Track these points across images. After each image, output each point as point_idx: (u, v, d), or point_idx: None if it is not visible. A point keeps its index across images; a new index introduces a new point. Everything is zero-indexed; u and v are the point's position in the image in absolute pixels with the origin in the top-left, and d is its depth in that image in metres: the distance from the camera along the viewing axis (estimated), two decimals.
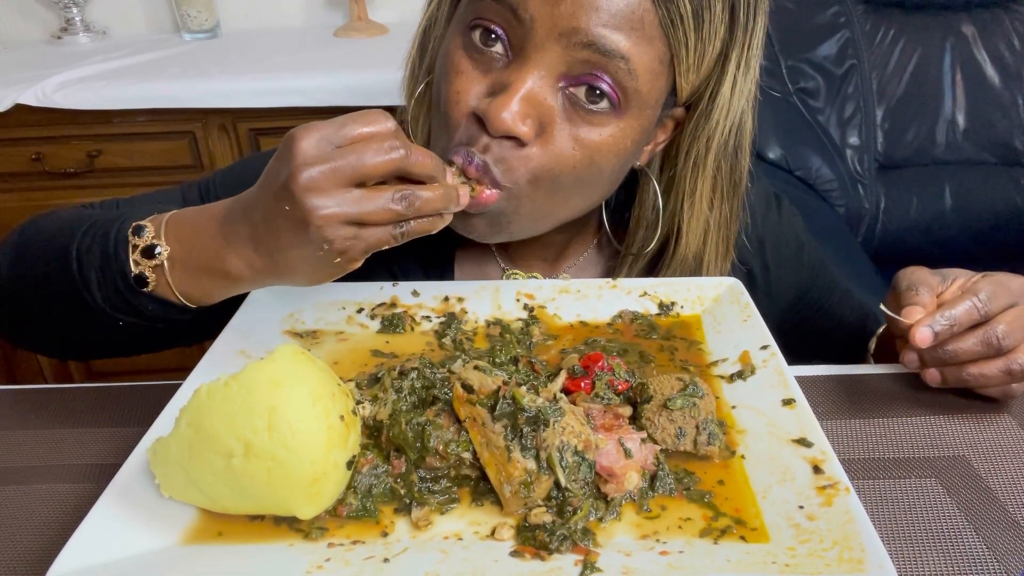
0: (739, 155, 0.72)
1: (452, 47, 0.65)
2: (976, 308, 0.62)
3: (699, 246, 0.75)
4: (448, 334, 0.69)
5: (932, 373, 0.66)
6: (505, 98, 0.59)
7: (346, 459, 0.49)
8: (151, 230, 0.60)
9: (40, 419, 0.67)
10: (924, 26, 1.78)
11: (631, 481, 0.50)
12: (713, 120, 0.68)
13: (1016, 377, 0.63)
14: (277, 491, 0.46)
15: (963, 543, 0.52)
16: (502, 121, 0.59)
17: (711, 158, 0.70)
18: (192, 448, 0.47)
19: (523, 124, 0.60)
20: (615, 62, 0.59)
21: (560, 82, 0.61)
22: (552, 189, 0.64)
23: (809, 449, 0.52)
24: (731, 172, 0.72)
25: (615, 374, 0.58)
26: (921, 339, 0.61)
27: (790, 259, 0.90)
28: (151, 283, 0.60)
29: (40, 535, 0.54)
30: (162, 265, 0.59)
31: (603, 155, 0.63)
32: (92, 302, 0.61)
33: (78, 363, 2.02)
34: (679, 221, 0.74)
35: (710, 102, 0.67)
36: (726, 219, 0.75)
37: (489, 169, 0.62)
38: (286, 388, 0.47)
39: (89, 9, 2.06)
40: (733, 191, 0.74)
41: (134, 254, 0.59)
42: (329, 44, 1.97)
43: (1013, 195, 1.78)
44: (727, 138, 0.69)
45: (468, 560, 0.45)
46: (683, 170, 0.72)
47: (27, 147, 1.74)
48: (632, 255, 0.79)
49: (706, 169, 0.71)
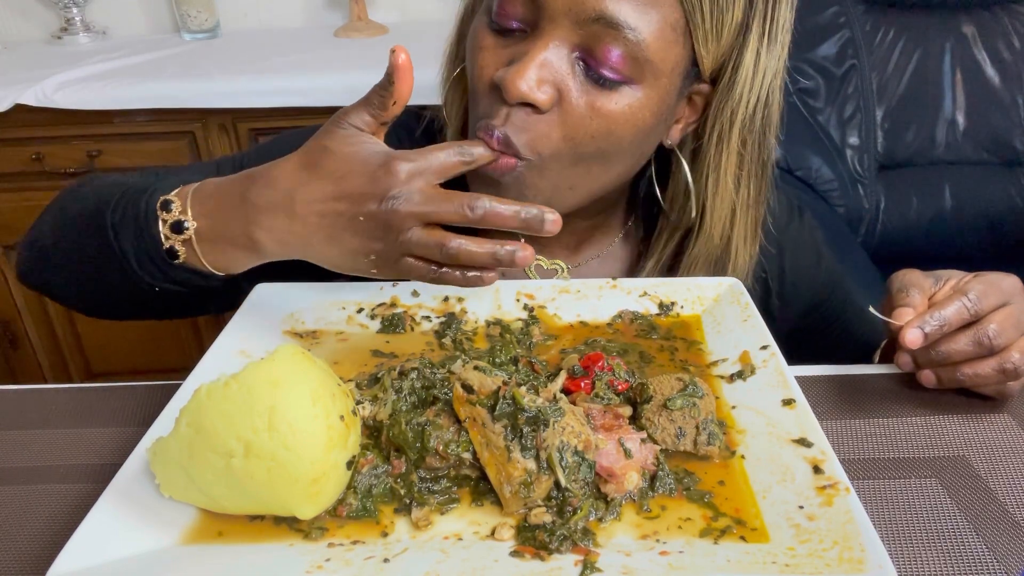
0: (766, 133, 0.72)
1: (478, 27, 0.68)
2: (966, 308, 0.62)
3: (726, 227, 0.75)
4: (448, 334, 0.69)
5: (927, 374, 0.66)
6: (520, 66, 0.62)
7: (346, 459, 0.49)
8: (178, 205, 0.63)
9: (40, 419, 0.67)
10: (924, 26, 1.78)
11: (631, 481, 0.50)
12: (736, 93, 0.67)
13: (1010, 375, 0.62)
14: (277, 491, 0.46)
15: (963, 543, 0.52)
16: (517, 87, 0.61)
17: (735, 133, 0.70)
18: (192, 448, 0.47)
19: (539, 91, 0.62)
20: (623, 32, 0.61)
21: (575, 52, 0.63)
22: (574, 159, 0.66)
23: (809, 449, 0.52)
24: (758, 150, 0.72)
25: (615, 374, 0.58)
26: (911, 340, 0.61)
27: (807, 270, 0.90)
28: (181, 255, 0.63)
29: (40, 535, 0.54)
30: (190, 240, 0.62)
31: (620, 125, 0.64)
32: (131, 270, 0.65)
33: (78, 363, 2.02)
34: (704, 199, 0.74)
35: (733, 74, 0.67)
36: (754, 199, 0.75)
37: (510, 142, 0.64)
38: (286, 388, 0.47)
39: (89, 9, 2.06)
40: (761, 171, 0.74)
41: (164, 228, 0.62)
42: (329, 44, 1.97)
43: (1013, 195, 1.78)
44: (752, 113, 0.69)
45: (468, 560, 0.45)
46: (707, 145, 0.71)
47: (27, 147, 1.74)
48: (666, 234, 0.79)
49: (731, 144, 0.70)
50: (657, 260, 0.81)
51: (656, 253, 0.80)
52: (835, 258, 0.94)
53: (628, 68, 0.62)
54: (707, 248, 0.76)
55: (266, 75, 1.71)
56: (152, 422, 0.55)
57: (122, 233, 0.65)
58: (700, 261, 0.77)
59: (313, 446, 0.46)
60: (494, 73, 0.64)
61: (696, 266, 0.78)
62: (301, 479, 0.46)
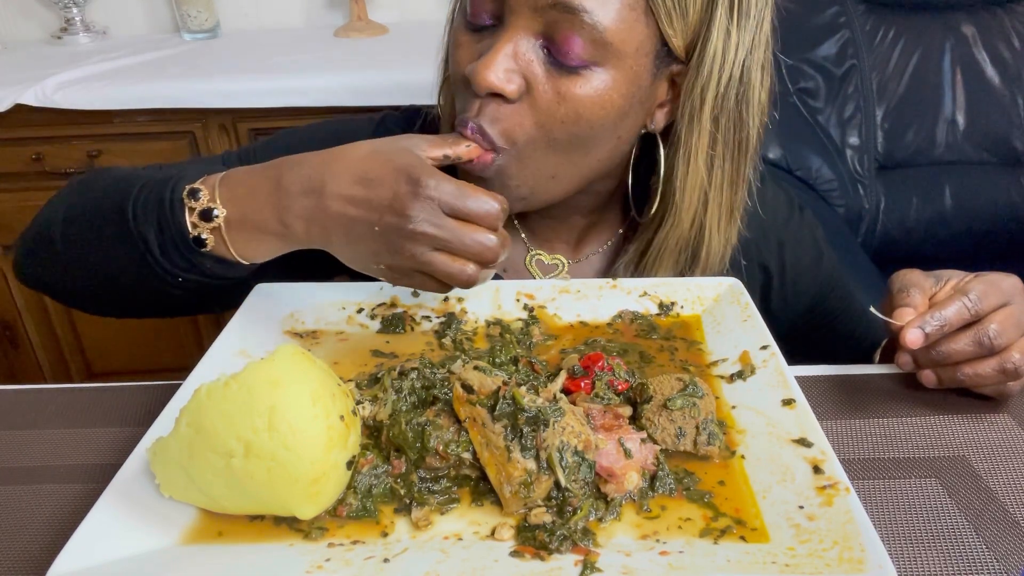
0: (743, 111, 0.70)
1: (456, 26, 0.70)
2: (967, 308, 0.62)
3: (698, 211, 0.73)
4: (448, 334, 0.69)
5: (927, 374, 0.66)
6: (487, 58, 0.63)
7: (346, 459, 0.49)
8: (206, 193, 0.62)
9: (40, 419, 0.67)
10: (924, 26, 1.78)
11: (631, 481, 0.50)
12: (705, 70, 0.67)
13: (1010, 375, 0.62)
14: (277, 491, 0.46)
15: (963, 543, 0.52)
16: (484, 78, 0.63)
17: (707, 112, 0.68)
18: (192, 448, 0.47)
19: (507, 81, 0.64)
20: (581, 16, 0.61)
21: (538, 40, 0.64)
22: (549, 146, 0.67)
23: (809, 449, 0.52)
24: (734, 130, 0.70)
25: (615, 374, 0.58)
26: (912, 340, 0.61)
27: (808, 267, 0.89)
28: (209, 244, 0.63)
29: (40, 535, 0.54)
30: (219, 227, 0.62)
31: (588, 108, 0.65)
32: (152, 260, 0.64)
33: (78, 363, 2.02)
34: (673, 182, 0.73)
35: (701, 51, 0.66)
36: (729, 180, 0.73)
37: (485, 132, 0.65)
38: (286, 388, 0.47)
39: (89, 9, 2.06)
40: (737, 150, 0.72)
41: (191, 216, 0.62)
42: (329, 44, 1.97)
43: (1013, 195, 1.78)
44: (725, 91, 0.68)
45: (468, 560, 0.45)
46: (679, 126, 0.70)
47: (27, 147, 1.74)
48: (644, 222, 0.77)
49: (702, 123, 0.69)
50: (638, 248, 0.79)
51: (636, 241, 0.79)
52: (835, 257, 0.93)
53: (590, 52, 0.63)
54: (676, 234, 0.75)
55: (266, 75, 1.72)
56: (152, 422, 0.55)
57: (144, 222, 0.64)
58: (669, 248, 0.76)
59: (313, 446, 0.46)
60: (465, 67, 0.66)
61: (664, 253, 0.76)
62: (301, 479, 0.46)
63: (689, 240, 0.75)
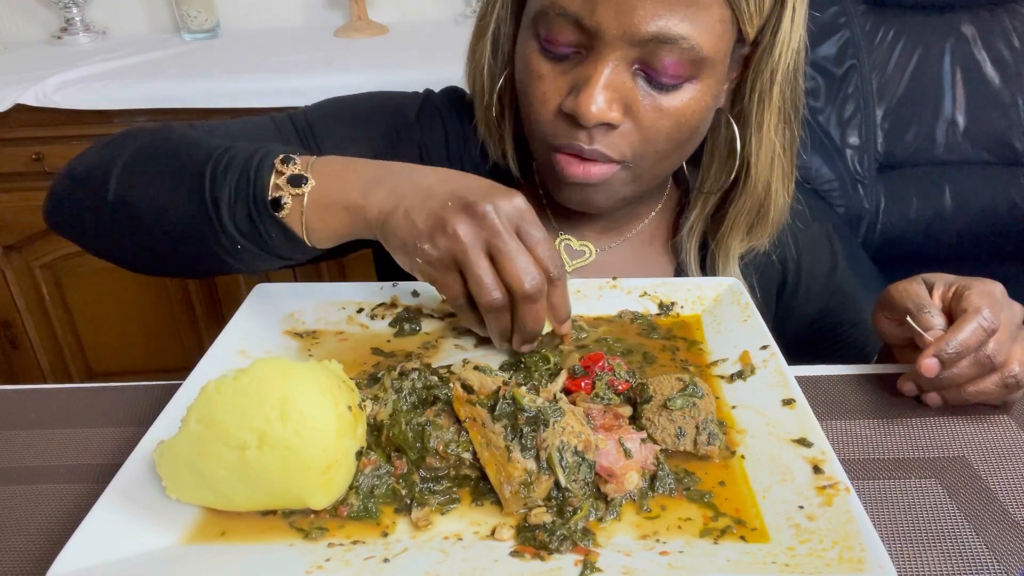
0: (798, 77, 0.75)
1: (528, 52, 0.70)
2: (983, 329, 0.60)
3: (767, 174, 0.78)
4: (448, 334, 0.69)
5: (933, 397, 0.65)
6: (589, 92, 0.66)
7: (355, 448, 0.50)
8: (300, 163, 0.62)
9: (40, 419, 0.67)
10: (924, 26, 1.78)
11: (631, 481, 0.50)
12: (776, 53, 0.71)
13: (1012, 388, 0.62)
14: (292, 480, 0.47)
15: (963, 543, 0.52)
16: (591, 113, 0.66)
17: (776, 90, 0.74)
18: (203, 445, 0.47)
19: (611, 110, 0.67)
20: (679, 43, 0.64)
21: (634, 66, 0.67)
22: (657, 157, 0.72)
23: (809, 449, 0.52)
24: (793, 96, 0.76)
25: (615, 374, 0.58)
26: (928, 369, 0.60)
27: (821, 276, 0.91)
28: (286, 208, 0.61)
29: (40, 535, 0.54)
30: (302, 196, 0.61)
31: (689, 116, 0.69)
32: (217, 223, 0.63)
33: (78, 363, 2.02)
34: (748, 154, 0.77)
35: (772, 36, 0.70)
36: (790, 141, 0.79)
37: (604, 154, 0.69)
38: (295, 378, 0.47)
39: (89, 9, 2.06)
40: (795, 113, 0.77)
41: (278, 179, 0.62)
42: (329, 44, 1.97)
43: (1013, 195, 1.78)
44: (789, 65, 0.72)
45: (468, 560, 0.45)
46: (750, 105, 0.75)
47: (27, 147, 1.73)
48: (704, 193, 0.82)
49: (772, 101, 0.74)
50: (700, 214, 0.83)
51: (696, 209, 0.83)
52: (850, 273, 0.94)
53: (687, 70, 0.66)
54: (752, 199, 0.80)
55: (266, 75, 1.71)
56: (152, 422, 0.55)
57: (222, 183, 0.62)
58: (744, 212, 0.81)
59: (325, 433, 0.47)
60: (559, 101, 0.69)
61: (739, 219, 0.81)
62: (315, 466, 0.47)
63: (759, 203, 0.80)
